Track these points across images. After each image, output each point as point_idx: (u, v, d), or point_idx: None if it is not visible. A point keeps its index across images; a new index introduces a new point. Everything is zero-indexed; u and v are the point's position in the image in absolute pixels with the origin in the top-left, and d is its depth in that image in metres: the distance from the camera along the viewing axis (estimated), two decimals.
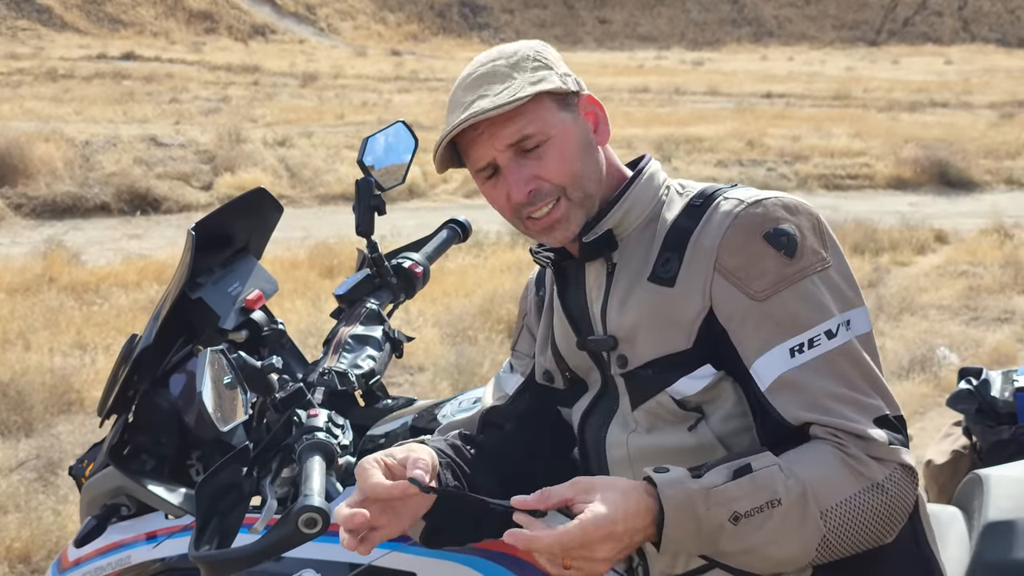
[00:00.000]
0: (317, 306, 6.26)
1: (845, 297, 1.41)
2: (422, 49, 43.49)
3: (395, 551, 1.59)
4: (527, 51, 1.50)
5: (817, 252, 1.40)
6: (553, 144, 1.46)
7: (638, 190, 1.52)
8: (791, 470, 1.30)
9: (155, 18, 44.16)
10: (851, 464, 1.32)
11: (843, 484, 1.31)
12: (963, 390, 2.24)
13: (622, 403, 1.51)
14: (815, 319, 1.37)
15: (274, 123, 15.88)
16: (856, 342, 1.39)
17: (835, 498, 1.30)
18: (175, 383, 1.77)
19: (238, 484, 1.46)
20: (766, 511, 1.28)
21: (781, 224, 1.40)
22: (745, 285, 1.39)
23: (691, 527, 1.27)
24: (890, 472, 1.33)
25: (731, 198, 1.44)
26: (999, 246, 8.30)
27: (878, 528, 1.33)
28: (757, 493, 1.28)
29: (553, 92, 1.47)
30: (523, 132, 1.45)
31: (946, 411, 4.67)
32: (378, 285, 1.92)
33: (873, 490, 1.32)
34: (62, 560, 1.87)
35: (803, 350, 1.36)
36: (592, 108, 1.52)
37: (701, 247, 1.42)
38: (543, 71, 1.48)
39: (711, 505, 1.27)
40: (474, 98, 1.45)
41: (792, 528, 1.29)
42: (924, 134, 15.09)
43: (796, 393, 1.36)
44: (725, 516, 1.27)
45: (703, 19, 56.75)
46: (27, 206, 10.12)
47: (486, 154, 1.47)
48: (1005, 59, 39.72)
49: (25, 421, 4.57)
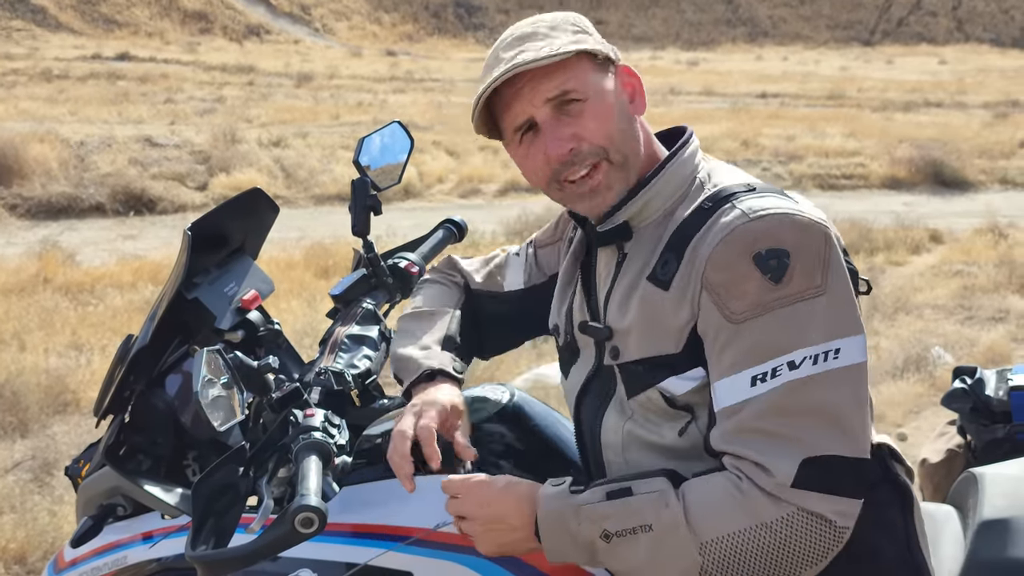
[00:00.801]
0: (312, 306, 6.25)
1: (835, 325, 1.33)
2: (417, 49, 43.46)
3: (392, 551, 1.59)
4: (566, 17, 1.51)
5: (811, 278, 1.33)
6: (592, 104, 1.45)
7: (663, 181, 1.48)
8: (675, 498, 1.32)
9: (150, 18, 44.09)
10: (737, 499, 1.30)
11: (726, 518, 1.30)
12: (958, 389, 2.24)
13: (619, 390, 1.51)
14: (784, 348, 1.32)
15: (269, 123, 15.85)
16: (831, 375, 1.32)
17: (717, 531, 1.30)
18: (171, 383, 1.76)
19: (234, 484, 1.45)
20: (638, 534, 1.32)
21: (777, 245, 1.33)
22: (724, 304, 1.35)
23: (565, 539, 1.36)
24: (785, 514, 1.29)
25: (737, 208, 1.38)
26: (993, 246, 8.32)
27: (768, 568, 1.30)
28: (628, 516, 1.33)
29: (593, 54, 1.46)
30: (564, 87, 1.43)
31: (940, 410, 4.69)
32: (374, 285, 1.92)
33: (760, 529, 1.29)
34: (58, 560, 1.87)
35: (765, 379, 1.32)
36: (629, 79, 1.51)
37: (697, 255, 1.39)
38: (582, 35, 1.48)
39: (582, 521, 1.35)
40: (515, 53, 1.43)
41: (666, 554, 1.32)
42: (918, 134, 15.10)
43: (732, 421, 1.34)
44: (596, 533, 1.34)
45: (698, 19, 56.77)
46: (22, 206, 10.10)
47: (524, 110, 1.45)
48: (999, 59, 39.77)
49: (20, 422, 4.56)
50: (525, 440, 1.73)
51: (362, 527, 1.61)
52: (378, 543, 1.59)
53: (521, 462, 1.68)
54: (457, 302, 1.79)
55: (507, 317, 1.80)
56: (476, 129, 1.52)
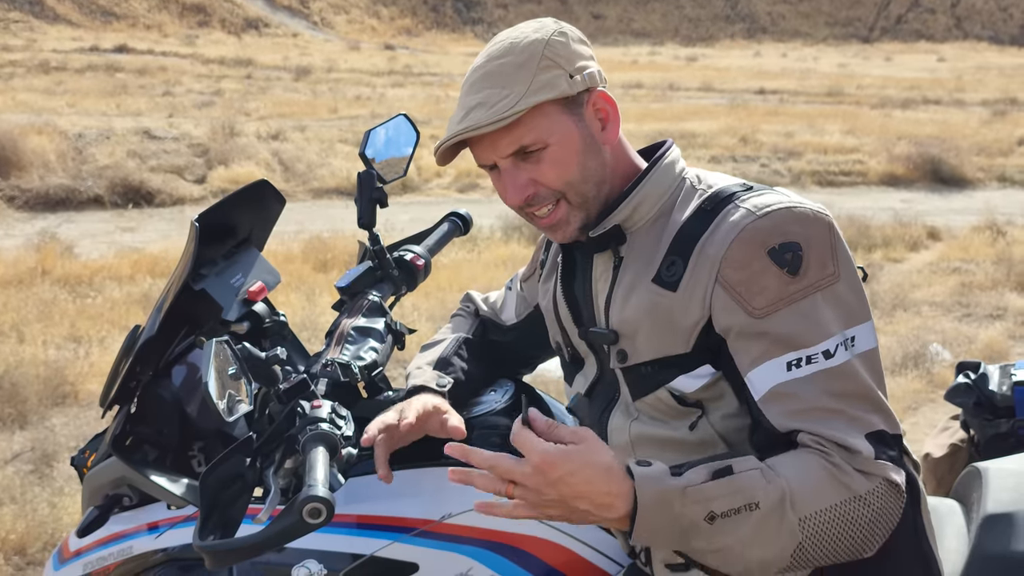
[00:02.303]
0: (311, 300, 6.25)
1: (850, 312, 1.38)
2: (415, 43, 43.42)
3: (397, 542, 1.60)
4: (539, 45, 1.46)
5: (824, 267, 1.37)
6: (552, 151, 1.46)
7: (649, 186, 1.50)
8: (773, 475, 1.30)
9: (148, 11, 44.00)
10: (834, 474, 1.31)
11: (825, 493, 1.30)
12: (961, 384, 2.24)
13: (623, 393, 1.53)
14: (813, 339, 1.35)
15: (267, 117, 15.83)
16: (857, 361, 1.37)
17: (815, 506, 1.29)
18: (177, 374, 1.77)
19: (242, 474, 1.45)
20: (743, 513, 1.28)
21: (788, 239, 1.37)
22: (745, 301, 1.37)
23: (664, 523, 1.28)
24: (874, 486, 1.32)
25: (742, 207, 1.41)
26: (991, 243, 8.33)
27: (857, 541, 1.32)
28: (735, 495, 1.28)
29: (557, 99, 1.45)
30: (521, 143, 1.45)
31: (939, 407, 4.72)
32: (380, 277, 1.92)
33: (855, 502, 1.30)
34: (63, 550, 1.87)
35: (800, 365, 1.35)
36: (604, 105, 1.50)
37: (706, 256, 1.40)
38: (551, 72, 1.44)
39: (687, 503, 1.27)
40: (474, 104, 1.45)
41: (768, 532, 1.28)
42: (917, 131, 15.12)
43: (788, 403, 1.35)
44: (701, 515, 1.28)
45: (697, 15, 56.74)
46: (20, 198, 10.08)
47: (487, 157, 1.49)
48: (997, 56, 39.82)
49: (19, 413, 4.57)
50: None
51: (368, 518, 1.62)
52: (384, 534, 1.60)
53: None
54: (469, 328, 1.87)
55: (514, 345, 1.87)
56: (439, 162, 1.55)
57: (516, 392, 1.78)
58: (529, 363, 1.93)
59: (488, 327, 1.89)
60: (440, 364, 1.74)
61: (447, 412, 1.60)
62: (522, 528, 1.60)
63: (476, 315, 1.92)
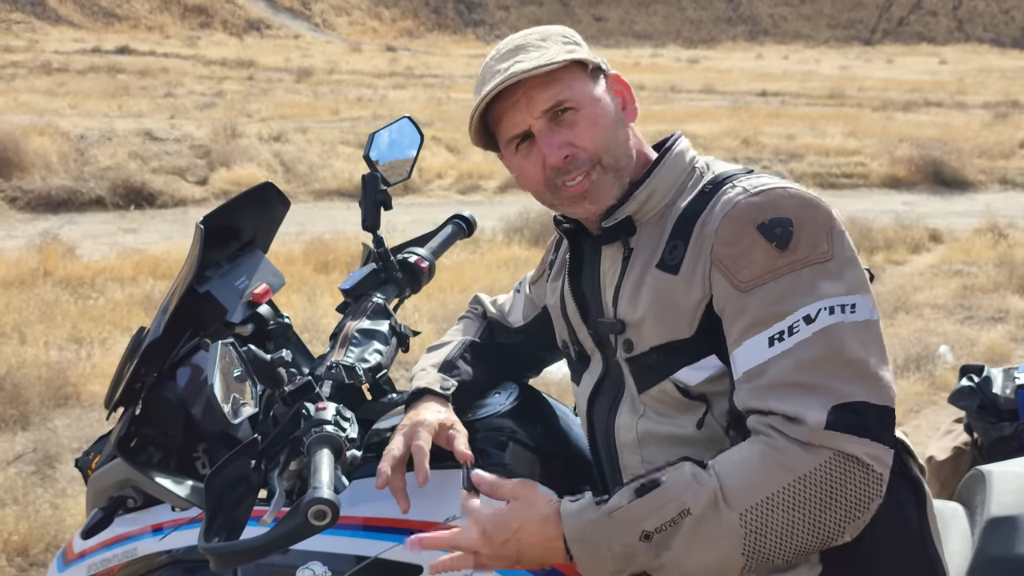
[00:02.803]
0: (313, 301, 6.25)
1: (843, 285, 1.35)
2: (417, 45, 43.44)
3: (401, 544, 1.60)
4: (555, 30, 1.56)
5: (816, 245, 1.36)
6: (586, 113, 1.49)
7: (660, 177, 1.52)
8: (705, 476, 1.29)
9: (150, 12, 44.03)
10: (772, 457, 1.28)
11: (762, 481, 1.27)
12: (965, 387, 2.25)
13: (628, 386, 1.53)
14: (796, 306, 1.33)
15: (269, 118, 15.84)
16: (848, 328, 1.32)
17: (754, 497, 1.27)
18: (182, 376, 1.76)
19: (247, 476, 1.45)
20: (678, 523, 1.27)
21: (780, 214, 1.37)
22: (732, 275, 1.37)
23: (598, 552, 1.31)
24: (821, 461, 1.27)
25: (738, 186, 1.43)
26: (993, 245, 8.33)
27: (816, 525, 1.27)
28: (665, 507, 1.28)
29: (585, 63, 1.50)
30: (559, 97, 1.47)
31: (941, 409, 4.72)
32: (384, 280, 1.92)
33: (798, 483, 1.26)
34: (67, 551, 1.87)
35: (782, 338, 1.33)
36: (619, 87, 1.56)
37: (703, 235, 1.42)
38: (572, 46, 1.52)
39: (616, 528, 1.30)
40: (510, 64, 1.47)
41: (708, 535, 1.27)
42: (918, 133, 15.13)
43: (755, 381, 1.34)
44: (634, 536, 1.29)
45: (698, 17, 56.76)
46: (22, 199, 10.08)
47: (521, 121, 1.49)
48: (999, 59, 39.82)
49: (21, 414, 4.57)
50: (534, 436, 1.74)
51: (372, 520, 1.62)
52: (388, 536, 1.60)
53: (530, 458, 1.69)
54: (476, 331, 1.88)
55: (521, 347, 1.88)
56: (473, 141, 1.57)
57: (520, 394, 1.78)
58: (536, 366, 1.93)
59: (495, 329, 1.90)
60: (445, 367, 1.74)
61: (453, 427, 1.59)
62: None
63: (484, 317, 1.93)
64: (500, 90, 1.46)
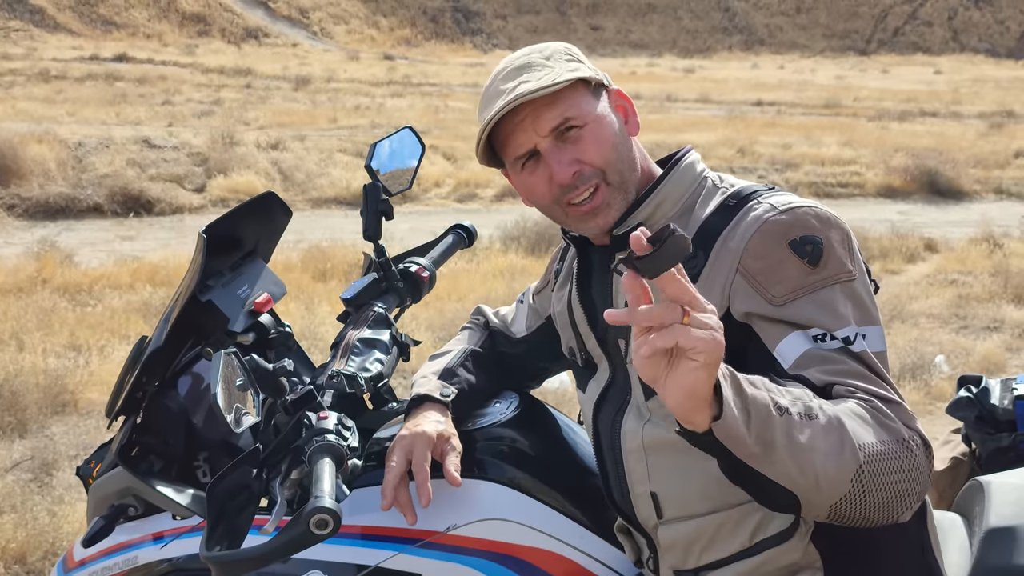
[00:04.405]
0: (311, 309, 6.25)
1: (864, 311, 1.41)
2: (415, 54, 43.52)
3: (402, 553, 1.60)
4: (558, 47, 1.58)
5: (843, 264, 1.41)
6: (591, 129, 1.51)
7: (670, 184, 1.55)
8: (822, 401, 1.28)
9: (148, 20, 44.08)
10: (879, 417, 1.30)
11: (873, 432, 1.28)
12: (963, 397, 2.26)
13: (635, 393, 1.55)
14: (833, 326, 1.37)
15: (267, 126, 15.85)
16: (873, 355, 1.38)
17: (867, 439, 1.26)
18: (183, 385, 1.77)
19: (248, 485, 1.46)
20: (803, 420, 1.22)
21: (809, 232, 1.41)
22: (764, 289, 1.40)
23: (742, 400, 1.18)
24: (913, 435, 1.31)
25: (764, 203, 1.46)
26: (988, 255, 8.35)
27: (900, 490, 1.28)
28: (795, 402, 1.24)
29: (588, 80, 1.53)
30: (564, 115, 1.50)
31: (937, 419, 4.72)
32: (385, 289, 1.93)
33: (900, 444, 1.29)
34: (68, 560, 1.87)
35: (825, 340, 1.36)
36: (621, 102, 1.59)
37: (727, 248, 1.44)
38: (575, 63, 1.55)
39: (757, 385, 1.21)
40: (515, 84, 1.49)
41: (831, 444, 1.23)
42: (914, 143, 15.17)
43: (823, 364, 1.35)
44: (770, 402, 1.21)
45: (694, 27, 56.92)
46: (20, 207, 10.09)
47: (527, 140, 1.51)
48: (994, 69, 39.97)
49: (19, 422, 4.56)
50: (535, 445, 1.74)
51: (373, 529, 1.62)
52: (389, 545, 1.61)
53: (531, 467, 1.70)
54: (477, 340, 1.89)
55: (523, 357, 1.89)
56: (479, 160, 1.59)
57: (521, 404, 1.79)
58: (537, 376, 1.94)
59: (497, 339, 1.91)
60: (445, 374, 1.76)
61: (449, 441, 1.60)
62: (527, 540, 1.60)
63: (486, 327, 1.95)
64: (506, 111, 1.48)
